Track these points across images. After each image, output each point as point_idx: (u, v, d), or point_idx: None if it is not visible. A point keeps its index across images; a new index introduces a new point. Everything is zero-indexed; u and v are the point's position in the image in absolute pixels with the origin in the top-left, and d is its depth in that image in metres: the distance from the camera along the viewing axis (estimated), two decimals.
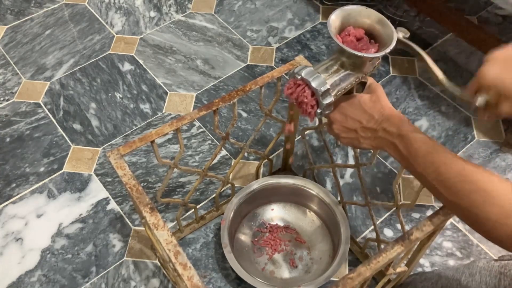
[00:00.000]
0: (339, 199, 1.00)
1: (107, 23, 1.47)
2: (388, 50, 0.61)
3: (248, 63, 1.37)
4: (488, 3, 1.53)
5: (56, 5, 1.52)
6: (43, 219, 1.07)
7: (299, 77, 0.61)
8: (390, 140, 0.62)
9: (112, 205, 1.09)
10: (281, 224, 1.04)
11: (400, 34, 0.65)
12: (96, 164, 1.15)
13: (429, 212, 1.09)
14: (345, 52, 0.61)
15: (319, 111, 0.62)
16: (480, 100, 0.60)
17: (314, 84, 0.60)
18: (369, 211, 0.90)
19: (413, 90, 1.31)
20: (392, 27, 0.62)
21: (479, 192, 0.52)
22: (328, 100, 0.61)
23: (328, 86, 0.60)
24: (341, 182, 1.13)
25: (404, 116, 0.62)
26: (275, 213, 1.05)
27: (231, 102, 0.80)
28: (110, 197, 1.10)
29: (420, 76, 1.35)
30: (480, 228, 0.54)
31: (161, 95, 1.29)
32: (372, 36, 0.64)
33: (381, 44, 0.63)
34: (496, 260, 0.70)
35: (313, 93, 0.61)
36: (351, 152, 1.18)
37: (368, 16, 0.63)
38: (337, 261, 0.91)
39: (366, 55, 0.60)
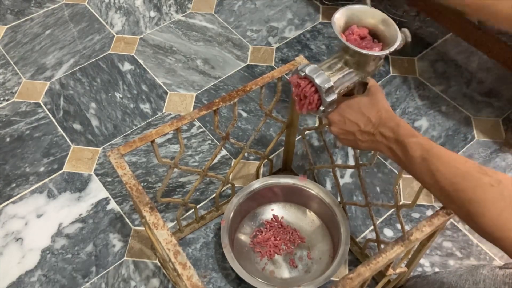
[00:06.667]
0: (339, 199, 1.00)
1: (107, 23, 1.47)
2: (392, 49, 0.61)
3: (248, 63, 1.37)
4: None
5: (56, 5, 1.52)
6: (43, 219, 1.07)
7: (303, 74, 0.61)
8: (388, 145, 0.61)
9: (112, 205, 1.09)
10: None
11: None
12: (96, 164, 1.15)
13: (429, 212, 1.09)
14: (349, 50, 0.61)
15: (322, 108, 0.62)
16: None
17: (318, 81, 0.60)
18: (369, 211, 0.90)
19: (413, 90, 1.31)
20: (396, 27, 0.62)
21: (471, 203, 0.52)
22: (332, 97, 0.61)
23: (332, 83, 0.60)
24: (341, 182, 1.13)
25: (402, 120, 0.61)
26: (275, 213, 1.05)
27: (231, 102, 0.80)
28: (110, 197, 1.10)
29: (420, 76, 1.35)
30: (482, 236, 0.54)
31: (161, 95, 1.29)
32: (375, 36, 0.64)
33: (385, 44, 0.63)
34: (500, 268, 0.70)
35: (316, 90, 0.61)
36: (351, 152, 1.18)
37: (372, 15, 0.63)
38: (337, 261, 0.91)
39: (370, 53, 0.60)
